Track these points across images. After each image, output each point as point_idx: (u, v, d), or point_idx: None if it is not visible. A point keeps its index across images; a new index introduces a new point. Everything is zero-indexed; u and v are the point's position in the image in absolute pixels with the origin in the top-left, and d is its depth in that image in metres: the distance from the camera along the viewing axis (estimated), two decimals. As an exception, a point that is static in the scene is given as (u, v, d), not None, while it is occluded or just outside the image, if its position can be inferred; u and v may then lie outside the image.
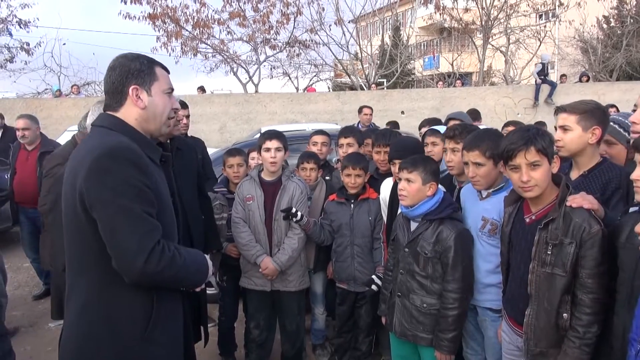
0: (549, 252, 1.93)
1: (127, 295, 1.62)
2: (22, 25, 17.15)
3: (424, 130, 4.06)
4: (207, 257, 1.90)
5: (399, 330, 2.60)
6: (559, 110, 2.34)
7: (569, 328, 1.91)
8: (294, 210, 3.16)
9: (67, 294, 1.72)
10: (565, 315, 1.92)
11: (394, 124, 7.38)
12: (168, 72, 1.84)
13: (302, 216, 3.19)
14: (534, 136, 1.97)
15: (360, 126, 7.56)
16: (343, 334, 3.49)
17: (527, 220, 2.08)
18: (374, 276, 3.14)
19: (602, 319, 1.86)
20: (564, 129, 2.26)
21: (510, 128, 4.14)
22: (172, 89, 1.82)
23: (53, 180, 2.46)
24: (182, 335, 1.86)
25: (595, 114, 2.24)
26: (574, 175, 2.32)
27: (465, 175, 2.60)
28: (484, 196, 2.50)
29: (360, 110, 7.99)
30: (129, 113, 1.73)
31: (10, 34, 17.23)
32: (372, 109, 8.00)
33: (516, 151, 1.97)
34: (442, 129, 3.17)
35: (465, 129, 2.72)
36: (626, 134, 2.41)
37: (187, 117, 3.84)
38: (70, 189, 1.63)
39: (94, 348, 1.63)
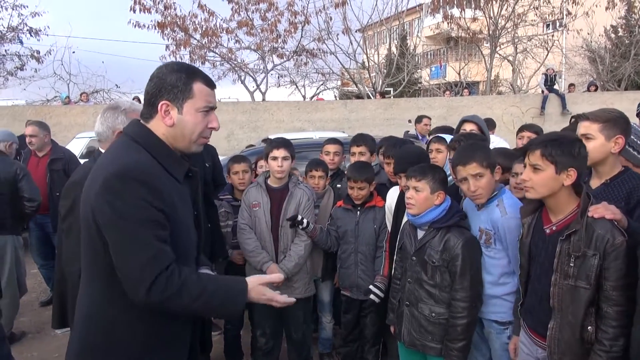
0: (572, 264, 1.88)
1: (130, 311, 1.57)
2: (32, 34, 17.40)
3: (525, 135, 4.08)
4: (253, 281, 1.69)
5: (407, 340, 2.57)
6: (581, 118, 2.29)
7: (594, 341, 1.86)
8: (299, 217, 3.16)
9: (77, 301, 1.71)
10: (590, 328, 1.87)
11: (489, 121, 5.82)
12: (212, 87, 1.70)
13: (308, 223, 3.18)
14: (547, 141, 1.96)
15: (419, 136, 7.23)
16: (349, 342, 3.46)
17: (548, 231, 2.04)
18: (371, 286, 3.12)
19: (629, 331, 1.82)
20: (586, 137, 2.20)
21: (526, 132, 4.10)
22: (211, 107, 1.69)
23: (71, 185, 2.46)
24: (187, 353, 1.79)
25: (618, 123, 2.19)
26: (595, 184, 2.27)
27: None
28: (480, 207, 2.50)
29: (419, 119, 7.53)
30: (157, 127, 1.65)
31: (21, 42, 17.48)
32: (430, 119, 7.54)
33: (527, 150, 1.99)
34: (448, 137, 3.15)
35: (471, 139, 2.71)
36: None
37: None
38: (86, 200, 1.60)
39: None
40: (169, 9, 15.29)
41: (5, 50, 17.73)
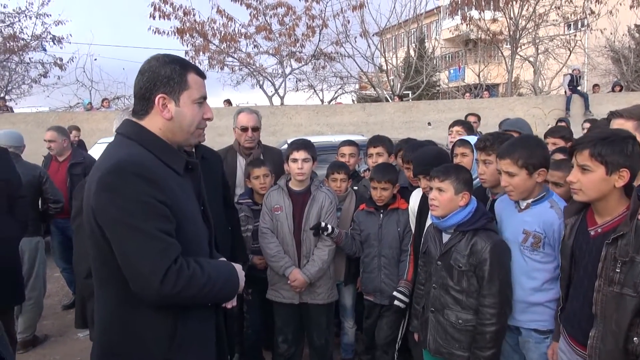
0: (618, 270, 1.76)
1: (147, 313, 1.53)
2: (55, 42, 17.75)
3: (454, 129, 3.94)
4: (238, 267, 1.75)
5: (433, 348, 2.49)
6: (614, 115, 2.19)
7: None
8: (323, 224, 3.10)
9: (94, 305, 1.68)
10: (636, 339, 1.74)
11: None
12: (204, 77, 1.69)
13: (332, 229, 3.12)
14: (597, 139, 1.84)
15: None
16: (372, 349, 3.39)
17: (592, 233, 1.93)
18: (395, 292, 3.04)
19: None
20: None
21: (550, 139, 3.80)
22: (205, 97, 1.67)
23: (80, 187, 2.48)
24: (214, 353, 1.75)
25: None
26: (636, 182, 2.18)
27: (500, 187, 2.48)
28: (522, 207, 2.38)
29: (465, 118, 7.40)
30: (153, 122, 1.61)
31: (45, 50, 17.83)
32: (478, 117, 7.22)
33: (575, 149, 1.88)
34: (472, 139, 3.06)
35: (498, 139, 2.60)
36: None
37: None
38: (87, 203, 1.56)
39: None
40: (188, 15, 15.42)
41: (30, 58, 18.14)
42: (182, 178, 1.66)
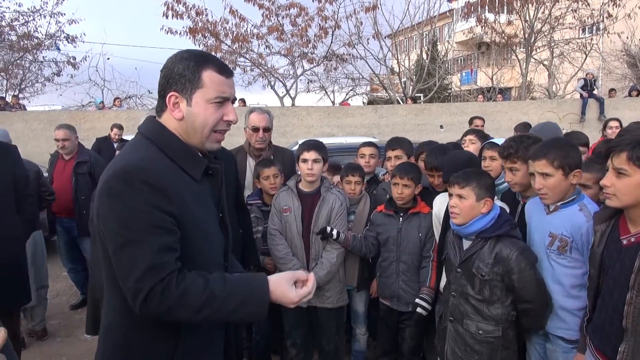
0: None
1: (148, 323, 1.44)
2: (69, 41, 17.96)
3: (467, 139, 3.82)
4: (274, 278, 1.51)
5: (451, 359, 2.38)
6: None
7: None
8: (328, 229, 3.02)
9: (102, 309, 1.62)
10: None
11: (524, 125, 5.74)
12: (227, 75, 1.53)
13: (338, 234, 3.04)
14: (636, 142, 1.73)
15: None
16: (385, 354, 3.28)
17: (625, 242, 1.82)
18: (417, 299, 2.93)
19: None
20: None
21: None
22: (224, 98, 1.52)
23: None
24: None
25: None
26: None
27: (530, 190, 2.37)
28: (551, 210, 2.26)
29: (470, 122, 7.34)
30: (169, 122, 1.52)
31: (58, 49, 18.01)
32: (483, 120, 7.27)
33: (611, 151, 1.77)
34: (501, 141, 2.93)
35: (522, 144, 2.48)
36: None
37: None
38: (94, 206, 1.50)
39: None
40: (201, 14, 15.45)
41: (43, 57, 18.31)
42: (198, 185, 1.55)
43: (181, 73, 1.48)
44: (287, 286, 1.50)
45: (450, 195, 2.43)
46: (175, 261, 1.40)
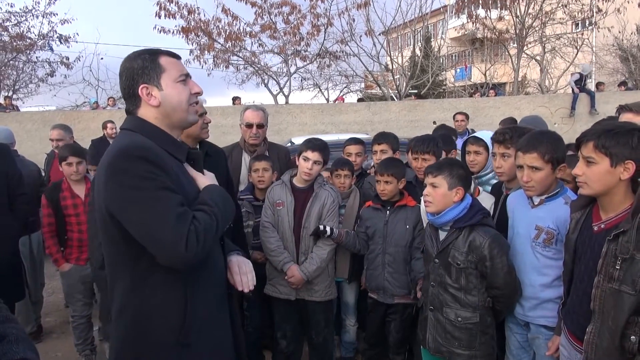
0: (618, 267, 1.73)
1: (158, 296, 1.58)
2: (62, 41, 17.84)
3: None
4: (246, 260, 1.85)
5: (432, 346, 2.47)
6: (624, 109, 2.15)
7: (636, 352, 1.71)
8: (321, 227, 3.09)
9: (111, 301, 1.72)
10: (633, 337, 1.71)
11: (511, 120, 5.80)
12: (177, 57, 1.75)
13: (332, 230, 3.11)
14: (601, 131, 1.81)
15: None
16: (373, 346, 3.36)
17: (596, 228, 1.90)
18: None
19: None
20: None
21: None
22: (186, 75, 1.72)
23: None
24: (232, 343, 1.78)
25: None
26: None
27: (515, 182, 2.43)
28: (536, 203, 2.33)
29: (453, 117, 7.80)
30: (148, 114, 1.68)
31: (51, 49, 17.93)
32: (466, 115, 7.70)
33: (581, 142, 1.85)
34: (486, 136, 3.00)
35: (517, 133, 2.54)
36: None
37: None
38: (97, 195, 1.61)
39: (131, 353, 1.62)
40: (193, 13, 15.43)
41: (37, 57, 18.23)
42: (184, 168, 1.73)
43: (142, 66, 1.66)
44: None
45: (424, 185, 2.51)
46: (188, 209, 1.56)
